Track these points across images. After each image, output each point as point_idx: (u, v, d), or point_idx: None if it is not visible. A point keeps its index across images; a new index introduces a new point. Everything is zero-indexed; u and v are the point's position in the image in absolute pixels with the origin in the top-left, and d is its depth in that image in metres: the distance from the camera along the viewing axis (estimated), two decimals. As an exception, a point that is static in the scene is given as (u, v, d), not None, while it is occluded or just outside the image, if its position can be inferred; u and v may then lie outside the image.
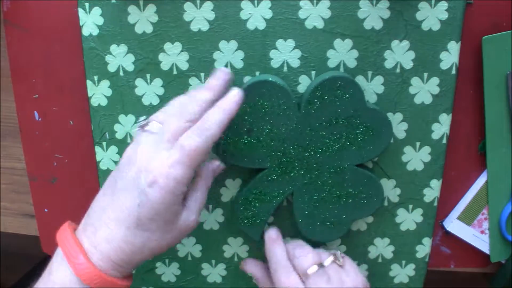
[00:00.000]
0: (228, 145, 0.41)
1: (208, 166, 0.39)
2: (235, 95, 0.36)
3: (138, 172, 0.33)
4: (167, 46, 0.42)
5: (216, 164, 0.39)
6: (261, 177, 0.43)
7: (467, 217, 0.47)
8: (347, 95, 0.39)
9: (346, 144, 0.41)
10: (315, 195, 0.42)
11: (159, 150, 0.33)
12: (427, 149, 0.43)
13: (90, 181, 0.49)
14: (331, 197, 0.42)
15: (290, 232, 0.45)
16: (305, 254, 0.40)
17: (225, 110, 0.35)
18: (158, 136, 0.34)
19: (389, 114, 0.43)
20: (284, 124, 0.40)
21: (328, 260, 0.40)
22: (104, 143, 0.46)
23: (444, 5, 0.39)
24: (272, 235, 0.42)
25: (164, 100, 0.44)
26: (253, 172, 0.43)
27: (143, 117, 0.36)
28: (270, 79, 0.40)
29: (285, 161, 0.42)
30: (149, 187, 0.32)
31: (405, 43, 0.41)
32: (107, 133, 0.45)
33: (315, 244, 0.43)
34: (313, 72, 0.42)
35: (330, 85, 0.39)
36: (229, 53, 0.42)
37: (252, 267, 0.46)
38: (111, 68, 0.43)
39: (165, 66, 0.43)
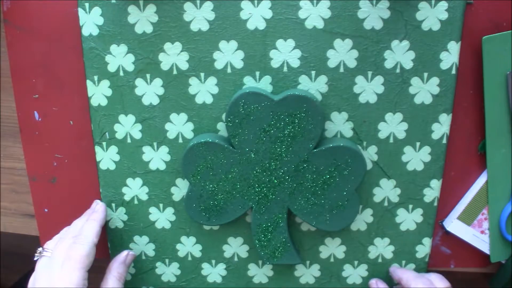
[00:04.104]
0: (211, 210, 0.44)
1: (114, 260, 0.46)
2: (101, 206, 0.47)
3: None
4: (167, 46, 0.42)
5: (123, 256, 0.46)
6: (255, 217, 0.44)
7: (467, 217, 0.47)
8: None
9: (292, 137, 0.41)
10: (306, 195, 0.43)
11: (53, 270, 0.39)
12: (427, 149, 0.43)
13: (90, 181, 0.49)
14: (319, 186, 0.42)
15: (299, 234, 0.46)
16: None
17: (98, 220, 0.44)
18: (50, 259, 0.40)
19: (389, 114, 0.43)
20: (235, 164, 0.42)
21: None
22: (104, 143, 0.46)
23: (444, 5, 0.39)
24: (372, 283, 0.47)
25: (164, 100, 0.44)
26: (246, 222, 0.46)
27: (40, 249, 0.42)
28: (209, 139, 0.42)
29: (261, 190, 0.43)
30: None
31: (405, 43, 0.41)
32: (107, 133, 0.45)
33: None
34: (313, 72, 0.42)
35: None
36: (229, 53, 0.42)
37: None
38: (111, 68, 0.43)
39: (165, 66, 0.43)
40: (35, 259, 0.42)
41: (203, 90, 0.43)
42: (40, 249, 0.42)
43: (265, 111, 0.40)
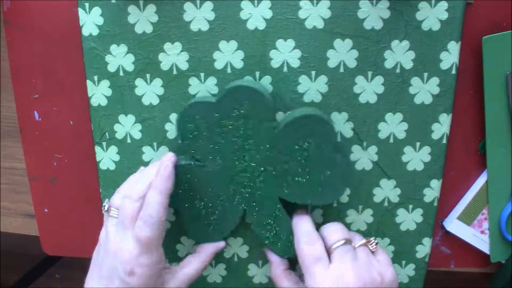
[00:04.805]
0: (210, 225, 0.44)
1: (206, 248, 0.44)
2: (164, 169, 0.39)
3: (114, 262, 0.37)
4: (167, 46, 0.42)
5: (220, 246, 0.45)
6: (253, 218, 0.43)
7: (467, 217, 0.47)
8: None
9: (245, 130, 0.40)
10: (290, 178, 0.41)
11: (124, 238, 0.37)
12: (427, 149, 0.43)
13: (90, 181, 0.49)
14: (297, 164, 0.41)
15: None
16: (335, 230, 0.39)
17: (162, 191, 0.38)
18: (119, 222, 0.38)
19: (389, 114, 0.43)
20: (209, 178, 0.42)
21: (359, 241, 0.39)
22: (104, 143, 0.46)
23: (444, 5, 0.39)
24: (299, 212, 0.42)
25: (164, 100, 0.44)
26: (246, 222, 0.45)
27: (106, 200, 0.40)
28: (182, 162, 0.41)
29: (245, 191, 0.43)
30: (128, 277, 0.37)
31: (405, 43, 0.41)
32: (107, 133, 0.45)
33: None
34: (313, 72, 0.42)
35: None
36: (229, 53, 0.42)
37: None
38: (111, 68, 0.43)
39: (165, 66, 0.43)
40: (103, 212, 0.40)
41: (203, 90, 0.43)
42: (106, 203, 0.40)
43: (211, 115, 0.40)
